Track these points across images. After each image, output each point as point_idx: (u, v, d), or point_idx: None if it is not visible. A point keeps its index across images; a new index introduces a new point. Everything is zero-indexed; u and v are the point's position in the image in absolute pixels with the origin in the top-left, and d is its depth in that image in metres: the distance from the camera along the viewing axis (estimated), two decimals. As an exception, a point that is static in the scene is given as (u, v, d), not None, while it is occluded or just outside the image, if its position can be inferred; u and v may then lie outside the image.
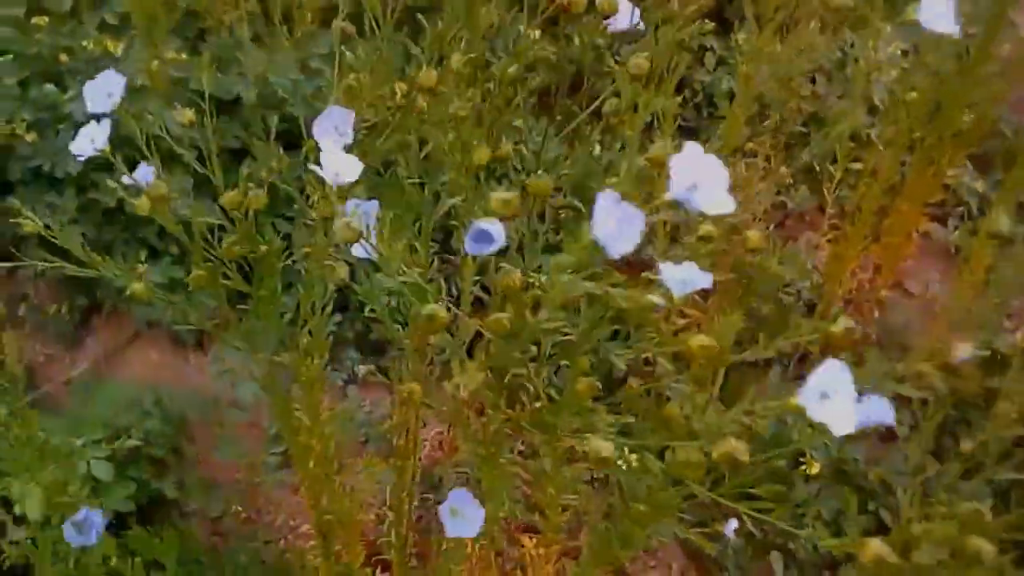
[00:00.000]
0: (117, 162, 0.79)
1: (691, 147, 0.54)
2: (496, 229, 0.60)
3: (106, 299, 1.49)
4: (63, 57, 1.40)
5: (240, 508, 1.29)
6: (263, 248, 0.87)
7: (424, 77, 0.75)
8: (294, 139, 1.53)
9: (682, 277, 0.61)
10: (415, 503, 1.06)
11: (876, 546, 0.52)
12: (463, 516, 0.78)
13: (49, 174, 1.37)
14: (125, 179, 0.79)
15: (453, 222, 0.93)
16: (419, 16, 0.88)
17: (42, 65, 1.43)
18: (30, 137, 1.37)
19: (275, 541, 1.26)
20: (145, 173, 0.80)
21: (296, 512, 1.28)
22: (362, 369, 1.41)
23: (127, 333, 1.47)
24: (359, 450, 1.30)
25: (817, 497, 1.27)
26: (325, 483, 0.95)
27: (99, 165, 1.42)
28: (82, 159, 0.80)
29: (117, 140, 0.79)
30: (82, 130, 0.80)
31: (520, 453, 1.03)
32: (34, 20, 1.45)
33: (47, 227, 1.39)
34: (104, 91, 0.79)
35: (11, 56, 1.42)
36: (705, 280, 0.62)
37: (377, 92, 1.05)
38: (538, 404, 0.77)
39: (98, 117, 0.79)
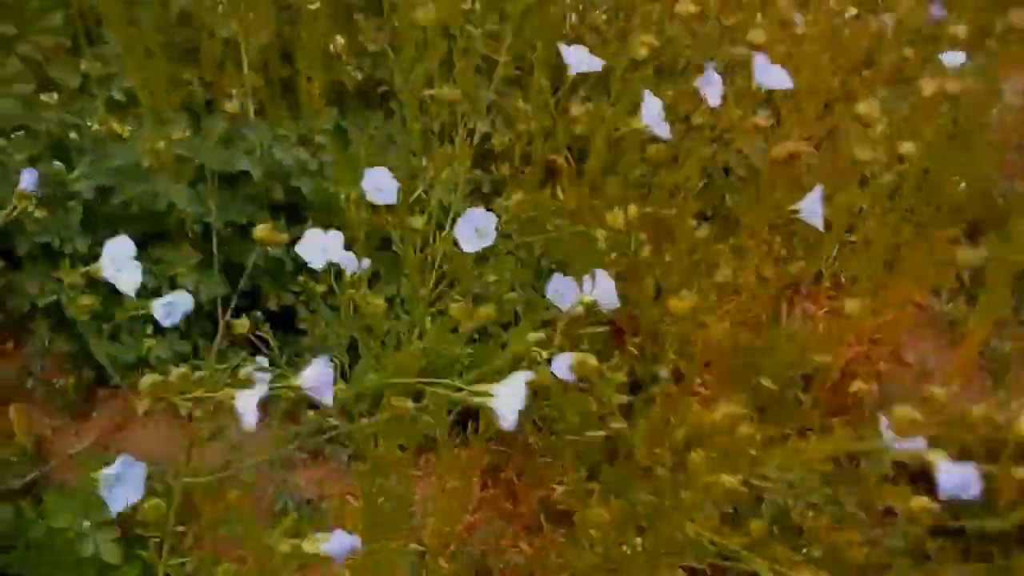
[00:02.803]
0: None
1: None
2: None
3: (112, 372, 1.50)
4: (72, 135, 1.43)
5: (246, 586, 1.29)
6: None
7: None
8: (299, 212, 1.55)
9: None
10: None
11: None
12: None
13: (57, 250, 1.39)
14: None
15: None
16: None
17: (51, 142, 1.45)
18: (39, 213, 1.39)
19: (281, 619, 1.26)
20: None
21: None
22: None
23: (133, 406, 1.48)
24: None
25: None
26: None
27: (105, 242, 1.44)
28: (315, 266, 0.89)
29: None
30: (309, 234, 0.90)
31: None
32: (43, 97, 1.48)
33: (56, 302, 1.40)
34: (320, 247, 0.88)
35: (21, 132, 1.44)
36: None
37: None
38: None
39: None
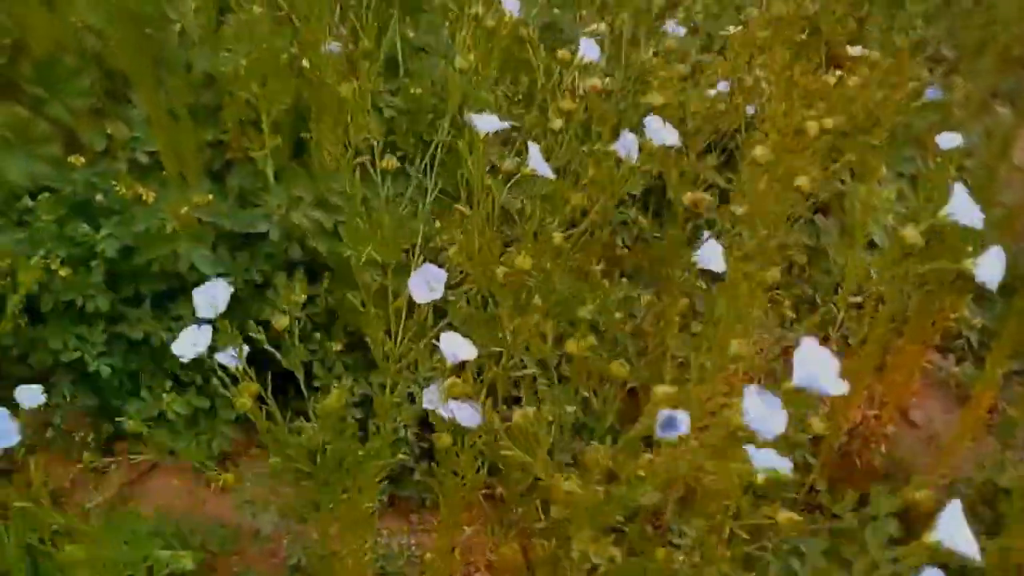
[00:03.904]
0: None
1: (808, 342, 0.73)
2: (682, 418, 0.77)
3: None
4: (98, 197, 1.47)
5: (259, 643, 1.30)
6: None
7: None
8: (317, 270, 1.59)
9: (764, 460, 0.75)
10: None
11: None
12: None
13: (81, 308, 1.42)
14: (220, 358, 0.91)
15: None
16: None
17: (76, 203, 1.49)
18: (64, 272, 1.43)
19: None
20: (231, 358, 0.91)
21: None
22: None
23: (149, 460, 1.50)
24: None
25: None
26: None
27: (127, 299, 1.48)
28: (185, 360, 0.92)
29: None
30: (184, 334, 0.93)
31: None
32: (71, 159, 1.52)
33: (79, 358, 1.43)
34: (210, 299, 0.92)
35: (48, 194, 1.48)
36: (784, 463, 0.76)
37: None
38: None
39: (200, 322, 0.91)
